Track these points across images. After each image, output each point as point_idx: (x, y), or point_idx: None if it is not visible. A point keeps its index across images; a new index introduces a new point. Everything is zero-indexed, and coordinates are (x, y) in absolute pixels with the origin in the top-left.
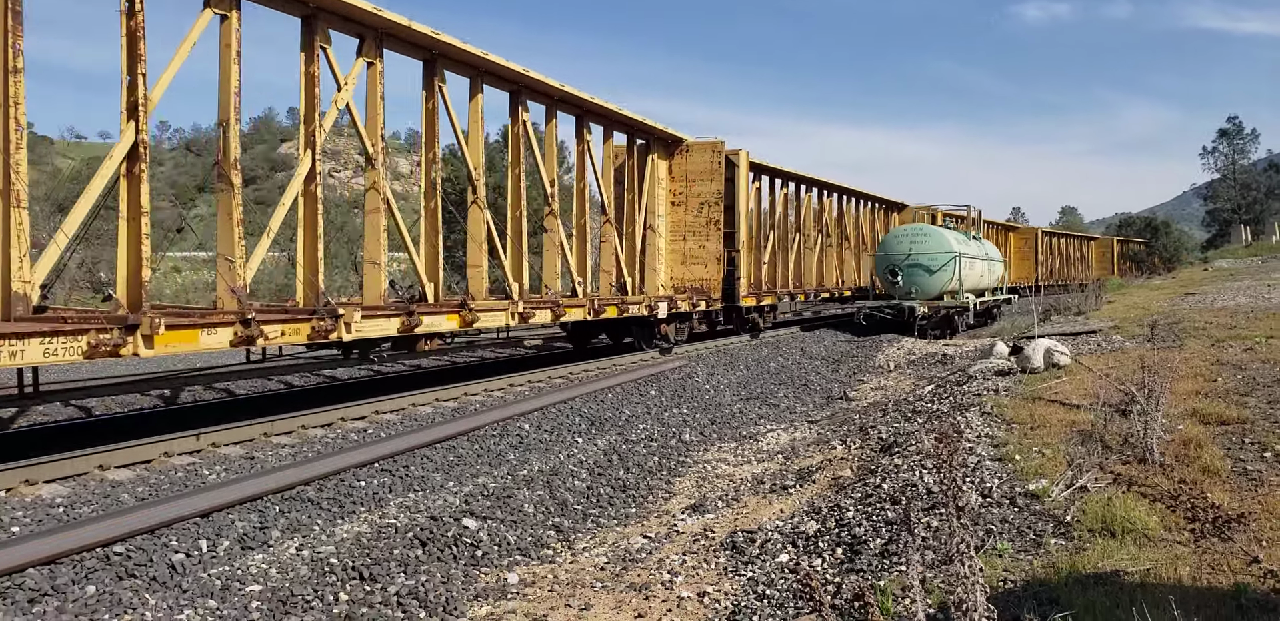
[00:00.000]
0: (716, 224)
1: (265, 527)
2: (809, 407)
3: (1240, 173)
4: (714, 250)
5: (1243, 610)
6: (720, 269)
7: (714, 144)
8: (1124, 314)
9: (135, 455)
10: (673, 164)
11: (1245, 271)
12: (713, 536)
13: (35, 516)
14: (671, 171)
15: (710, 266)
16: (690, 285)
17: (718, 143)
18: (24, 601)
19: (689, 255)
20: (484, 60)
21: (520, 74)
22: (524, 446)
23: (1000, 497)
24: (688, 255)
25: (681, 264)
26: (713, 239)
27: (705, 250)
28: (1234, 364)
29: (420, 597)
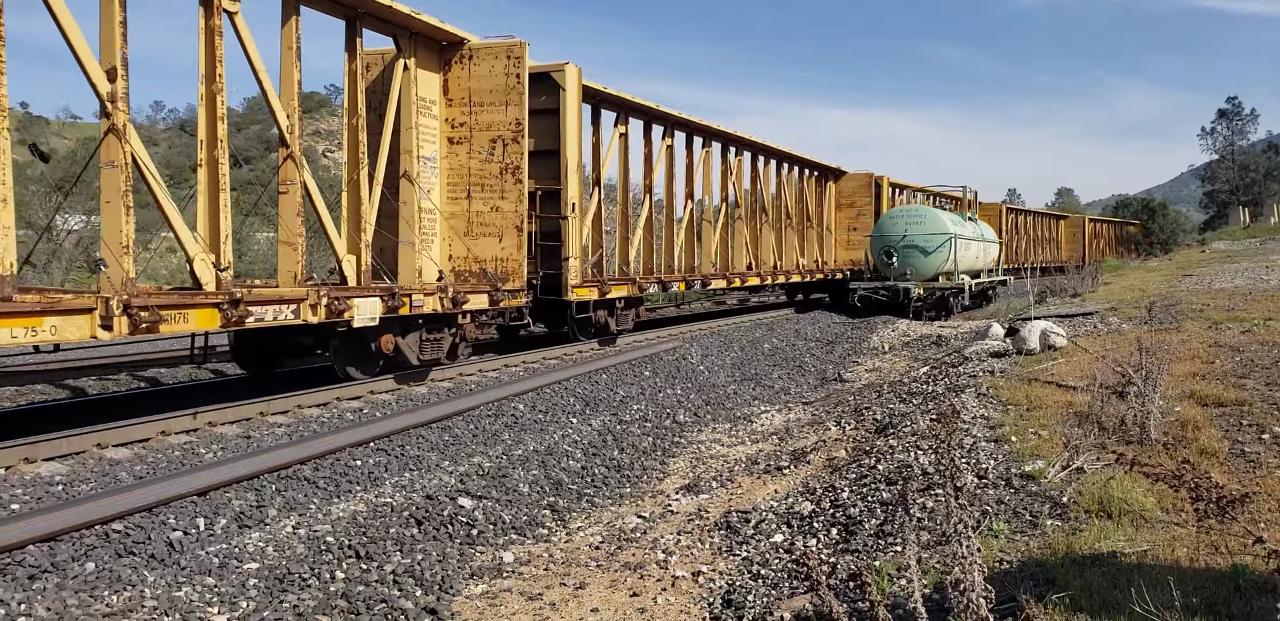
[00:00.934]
0: (515, 173)
1: (262, 506)
2: (803, 389)
3: (1239, 154)
4: (511, 214)
5: (1241, 591)
6: (522, 244)
7: (510, 46)
8: (1121, 295)
9: (133, 434)
10: (449, 79)
11: (1243, 253)
12: (707, 516)
13: (35, 494)
14: (449, 90)
15: (507, 239)
16: (476, 269)
17: (514, 44)
18: (24, 578)
19: (474, 222)
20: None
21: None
22: (519, 426)
23: (996, 478)
24: (473, 222)
25: (465, 236)
26: (510, 197)
27: (499, 215)
28: (1232, 346)
29: (416, 576)
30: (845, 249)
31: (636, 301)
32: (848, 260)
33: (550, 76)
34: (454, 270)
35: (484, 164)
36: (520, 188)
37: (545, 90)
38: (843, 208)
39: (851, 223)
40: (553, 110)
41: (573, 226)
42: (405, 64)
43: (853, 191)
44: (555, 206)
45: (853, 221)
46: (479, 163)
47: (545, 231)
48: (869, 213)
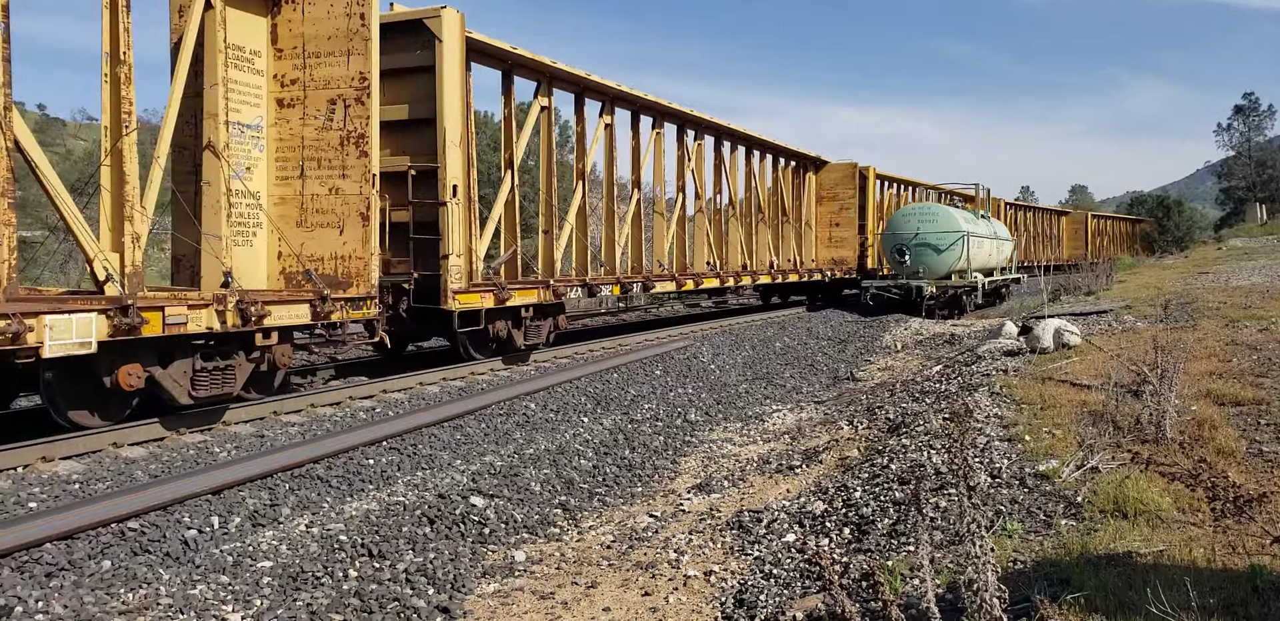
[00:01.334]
0: (360, 144)
1: (275, 505)
2: (815, 388)
3: (1256, 150)
4: (354, 198)
5: (1259, 591)
6: (369, 237)
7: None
8: (1136, 293)
9: (148, 432)
10: (278, 23)
11: (1260, 250)
12: (719, 516)
13: (52, 492)
14: (277, 38)
15: (350, 231)
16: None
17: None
18: (42, 575)
19: (309, 209)
20: None
21: None
22: (530, 425)
23: (1010, 478)
24: (307, 209)
25: (299, 226)
26: (353, 175)
27: (339, 199)
28: (1249, 344)
29: (428, 574)
30: (827, 246)
31: (554, 309)
32: (829, 259)
33: (424, 25)
34: (284, 272)
35: (321, 133)
36: (365, 162)
37: (420, 43)
38: (824, 201)
39: (834, 218)
40: (428, 68)
41: (454, 215)
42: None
43: (835, 183)
44: (428, 188)
45: (835, 216)
46: (314, 131)
47: (422, 222)
48: (853, 207)
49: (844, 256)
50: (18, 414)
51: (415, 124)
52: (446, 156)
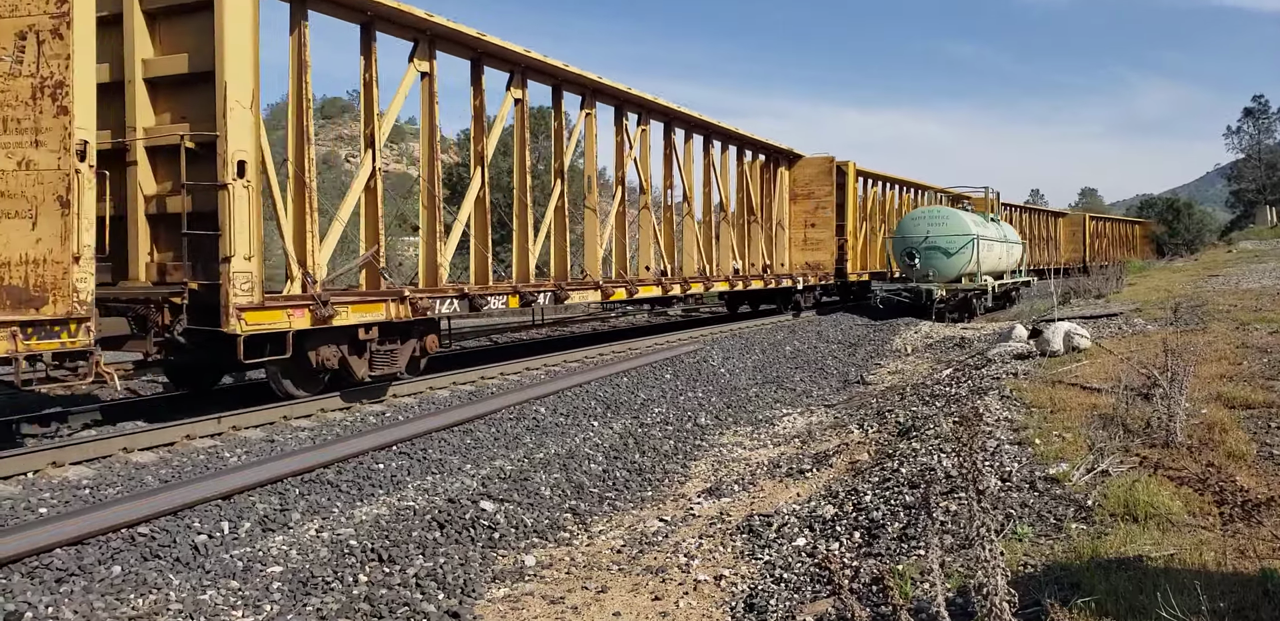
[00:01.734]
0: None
1: (285, 509)
2: (825, 391)
3: (1266, 152)
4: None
5: (1270, 595)
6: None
7: None
8: (1145, 296)
9: (158, 438)
10: None
11: (1271, 253)
12: (729, 520)
13: (62, 498)
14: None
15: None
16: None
17: None
18: (52, 581)
19: None
20: None
21: None
22: (540, 429)
23: (1020, 482)
24: None
25: None
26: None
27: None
28: (1259, 347)
29: (439, 579)
30: (801, 249)
31: (422, 328)
32: (803, 263)
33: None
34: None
35: (5, 81)
36: (64, 123)
37: None
38: (798, 199)
39: (809, 218)
40: (204, 4)
41: (239, 201)
42: None
43: (810, 180)
44: (205, 168)
45: (810, 216)
46: None
47: (200, 211)
48: (829, 206)
49: (820, 260)
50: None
51: (194, 80)
52: (228, 123)
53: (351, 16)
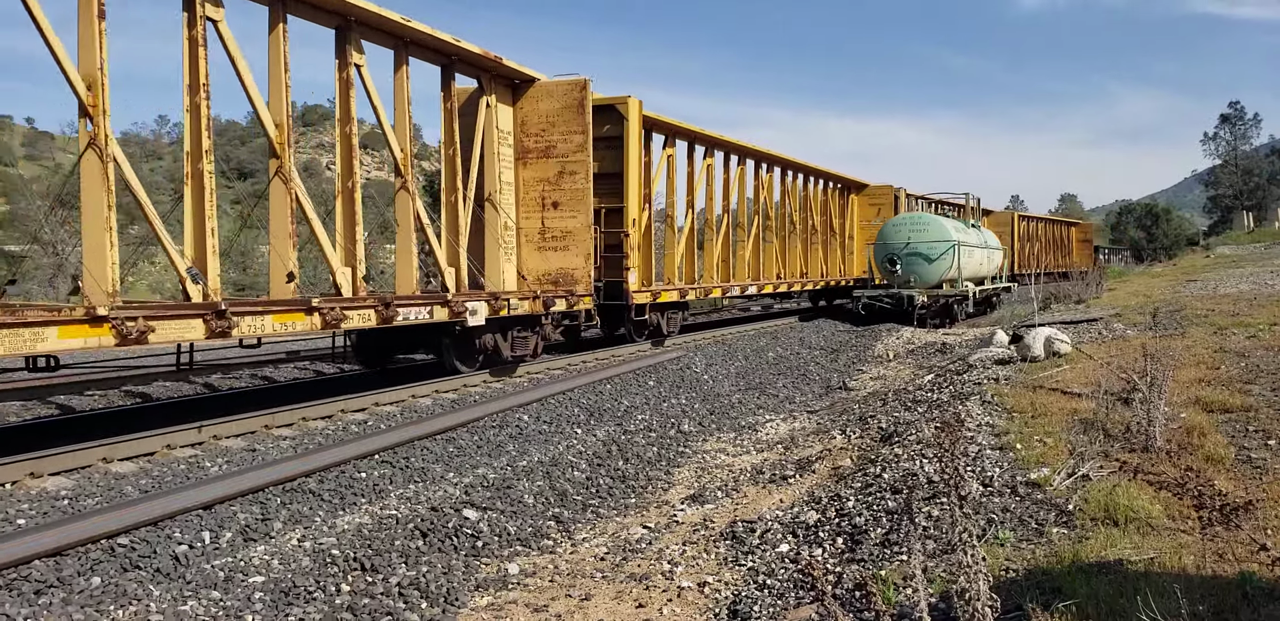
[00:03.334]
0: None
1: (267, 519)
2: (808, 397)
3: (1242, 158)
4: None
5: (1248, 598)
6: None
7: None
8: (1125, 301)
9: (138, 447)
10: None
11: (1248, 258)
12: (712, 526)
13: (40, 508)
14: None
15: None
16: None
17: None
18: (30, 593)
19: None
20: None
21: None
22: (523, 437)
23: (1001, 486)
24: None
25: None
26: None
27: None
28: (1237, 351)
29: (422, 588)
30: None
31: None
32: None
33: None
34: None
35: None
36: None
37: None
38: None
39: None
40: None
41: None
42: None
43: (872, 204)
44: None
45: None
46: None
47: None
48: None
49: None
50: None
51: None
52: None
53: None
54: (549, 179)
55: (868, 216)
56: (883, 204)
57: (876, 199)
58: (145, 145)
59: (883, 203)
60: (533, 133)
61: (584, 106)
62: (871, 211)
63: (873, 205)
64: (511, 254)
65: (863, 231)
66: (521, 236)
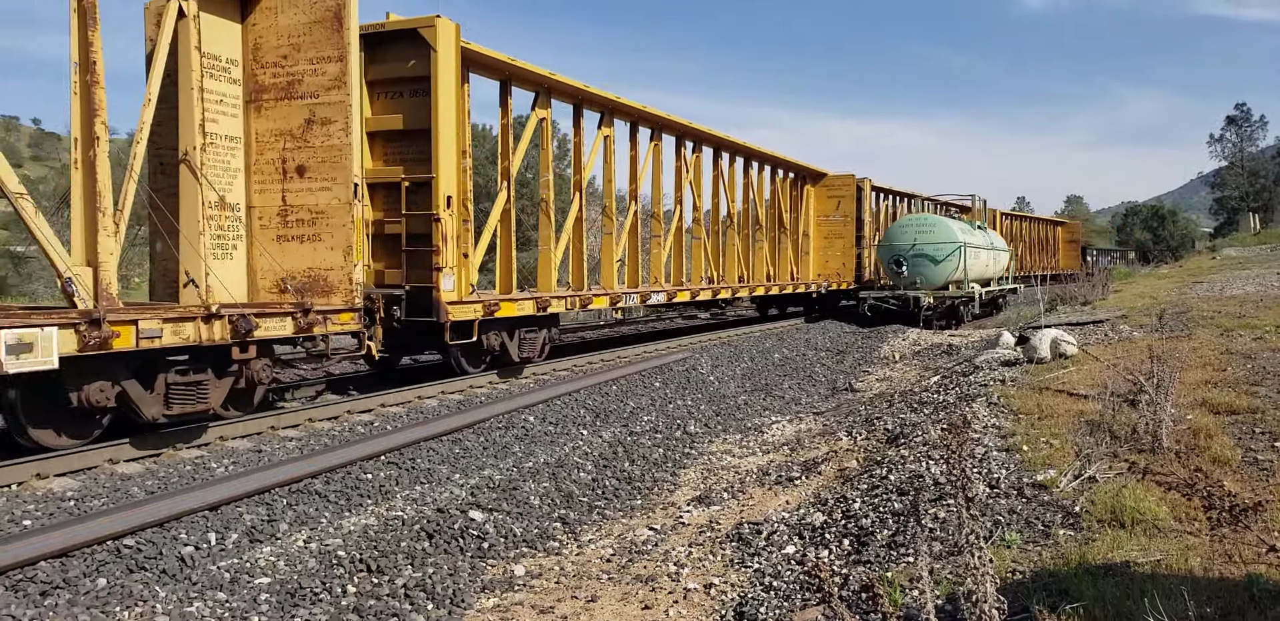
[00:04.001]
0: None
1: (273, 520)
2: (814, 399)
3: (1249, 160)
4: None
5: (1255, 600)
6: None
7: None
8: (1131, 303)
9: (144, 448)
10: None
11: (1254, 259)
12: (719, 528)
13: (47, 510)
14: None
15: None
16: None
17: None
18: (36, 594)
19: None
20: None
21: None
22: (529, 438)
23: (1008, 488)
24: None
25: None
26: None
27: None
28: (1244, 353)
29: (428, 589)
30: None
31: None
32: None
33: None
34: None
35: None
36: None
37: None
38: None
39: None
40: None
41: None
42: None
43: (832, 195)
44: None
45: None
46: None
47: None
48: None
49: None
50: None
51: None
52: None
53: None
54: (830, 223)
55: (826, 211)
56: (843, 197)
57: (836, 191)
58: None
59: (843, 195)
60: (269, 62)
61: (341, 20)
62: (830, 205)
63: (831, 198)
64: (233, 246)
65: (819, 228)
66: (815, 252)
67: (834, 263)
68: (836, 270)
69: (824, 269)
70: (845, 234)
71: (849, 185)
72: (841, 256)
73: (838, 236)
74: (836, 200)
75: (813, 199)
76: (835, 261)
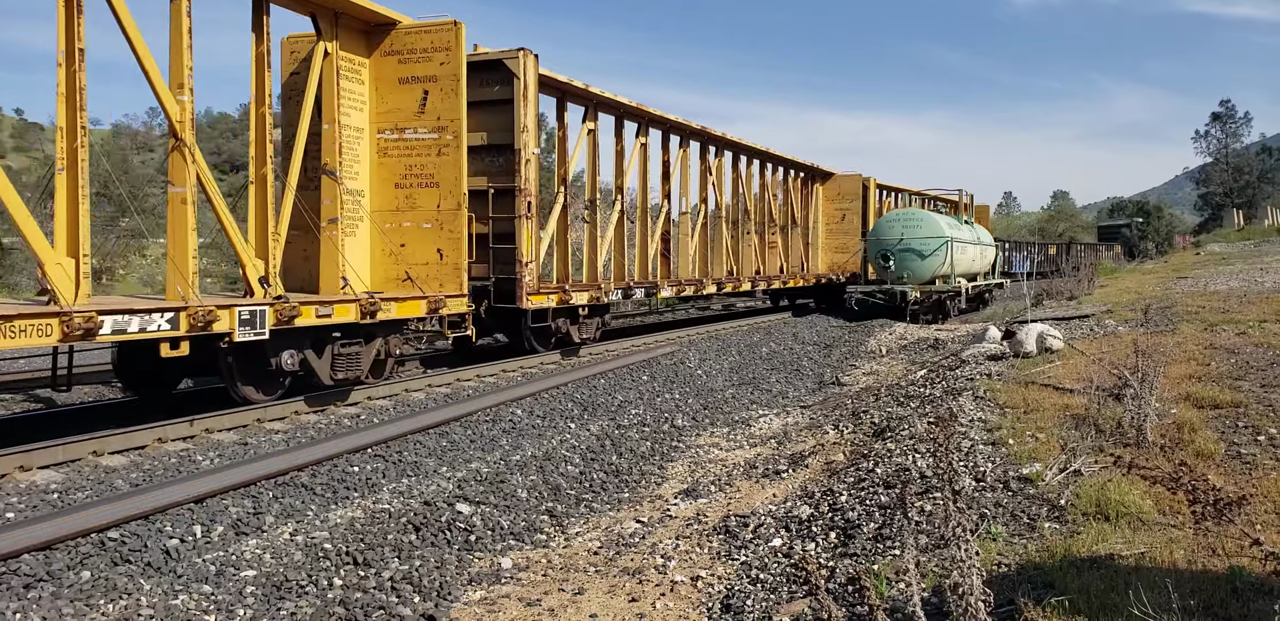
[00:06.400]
0: None
1: (259, 513)
2: (801, 392)
3: (1233, 156)
4: None
5: (1238, 593)
6: None
7: None
8: (1116, 298)
9: (129, 441)
10: None
11: (1237, 255)
12: (705, 521)
13: (30, 502)
14: None
15: None
16: None
17: None
18: (19, 587)
19: None
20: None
21: None
22: (517, 431)
23: (994, 481)
24: None
25: None
26: None
27: None
28: (1227, 348)
29: (414, 582)
30: (831, 252)
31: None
32: (831, 264)
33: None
34: None
35: None
36: None
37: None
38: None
39: (838, 225)
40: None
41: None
42: None
43: (840, 193)
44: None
45: (839, 224)
46: None
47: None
48: (856, 215)
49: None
50: None
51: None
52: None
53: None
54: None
55: (833, 209)
56: (850, 195)
57: (843, 189)
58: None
59: (850, 193)
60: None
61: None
62: (838, 203)
63: (839, 196)
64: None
65: (828, 225)
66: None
67: (841, 256)
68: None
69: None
70: (851, 230)
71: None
72: (849, 251)
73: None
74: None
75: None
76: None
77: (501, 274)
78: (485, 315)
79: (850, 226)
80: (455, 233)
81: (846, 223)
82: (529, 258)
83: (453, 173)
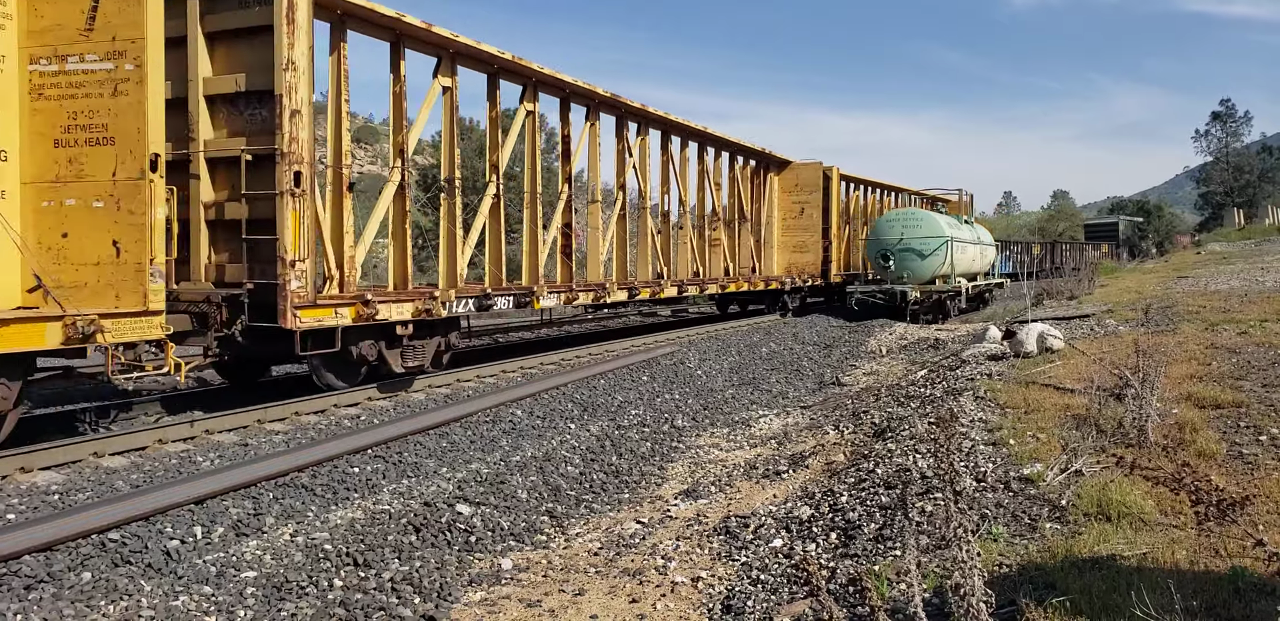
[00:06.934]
0: None
1: (259, 514)
2: (801, 392)
3: (1233, 155)
4: None
5: (1241, 593)
6: None
7: None
8: (1117, 298)
9: (130, 442)
10: None
11: (1238, 254)
12: (706, 521)
13: (31, 503)
14: None
15: None
16: None
17: None
18: (20, 588)
19: None
20: None
21: None
22: (517, 432)
23: (994, 482)
24: None
25: None
26: None
27: None
28: (1228, 347)
29: (414, 583)
30: (789, 251)
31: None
32: (789, 265)
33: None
34: None
35: None
36: None
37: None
38: (786, 204)
39: (796, 221)
40: None
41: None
42: None
43: (797, 185)
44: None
45: (797, 220)
46: None
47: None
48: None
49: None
50: None
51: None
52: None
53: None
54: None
55: (791, 202)
56: (810, 186)
57: (802, 180)
58: None
59: (810, 185)
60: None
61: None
62: (796, 195)
63: (797, 187)
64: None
65: (784, 221)
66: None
67: (800, 256)
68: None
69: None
70: (811, 226)
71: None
72: (808, 250)
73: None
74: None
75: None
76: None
77: (261, 277)
78: (243, 338)
79: (810, 222)
80: (138, 215)
81: (806, 217)
82: (296, 253)
83: (134, 121)
